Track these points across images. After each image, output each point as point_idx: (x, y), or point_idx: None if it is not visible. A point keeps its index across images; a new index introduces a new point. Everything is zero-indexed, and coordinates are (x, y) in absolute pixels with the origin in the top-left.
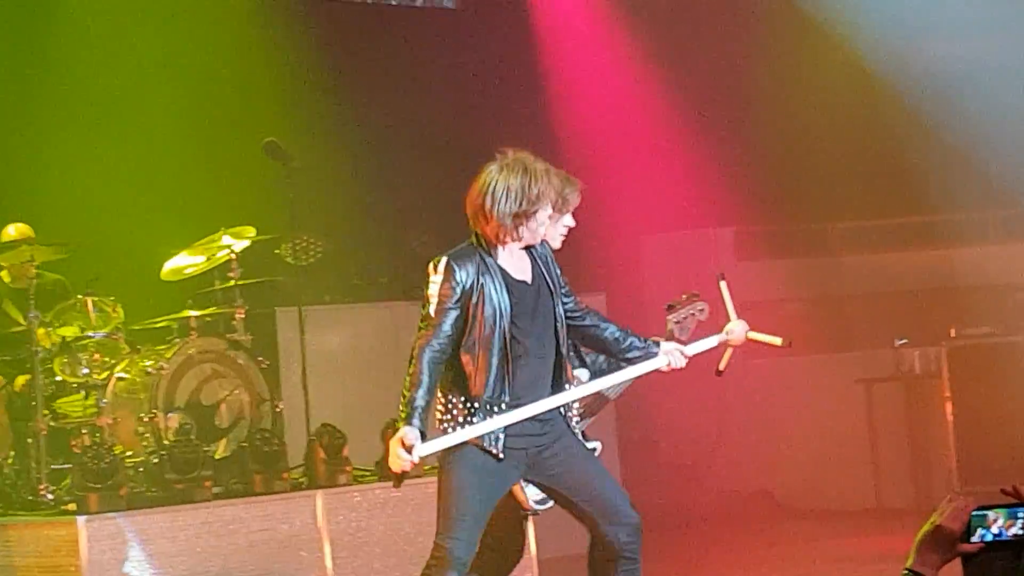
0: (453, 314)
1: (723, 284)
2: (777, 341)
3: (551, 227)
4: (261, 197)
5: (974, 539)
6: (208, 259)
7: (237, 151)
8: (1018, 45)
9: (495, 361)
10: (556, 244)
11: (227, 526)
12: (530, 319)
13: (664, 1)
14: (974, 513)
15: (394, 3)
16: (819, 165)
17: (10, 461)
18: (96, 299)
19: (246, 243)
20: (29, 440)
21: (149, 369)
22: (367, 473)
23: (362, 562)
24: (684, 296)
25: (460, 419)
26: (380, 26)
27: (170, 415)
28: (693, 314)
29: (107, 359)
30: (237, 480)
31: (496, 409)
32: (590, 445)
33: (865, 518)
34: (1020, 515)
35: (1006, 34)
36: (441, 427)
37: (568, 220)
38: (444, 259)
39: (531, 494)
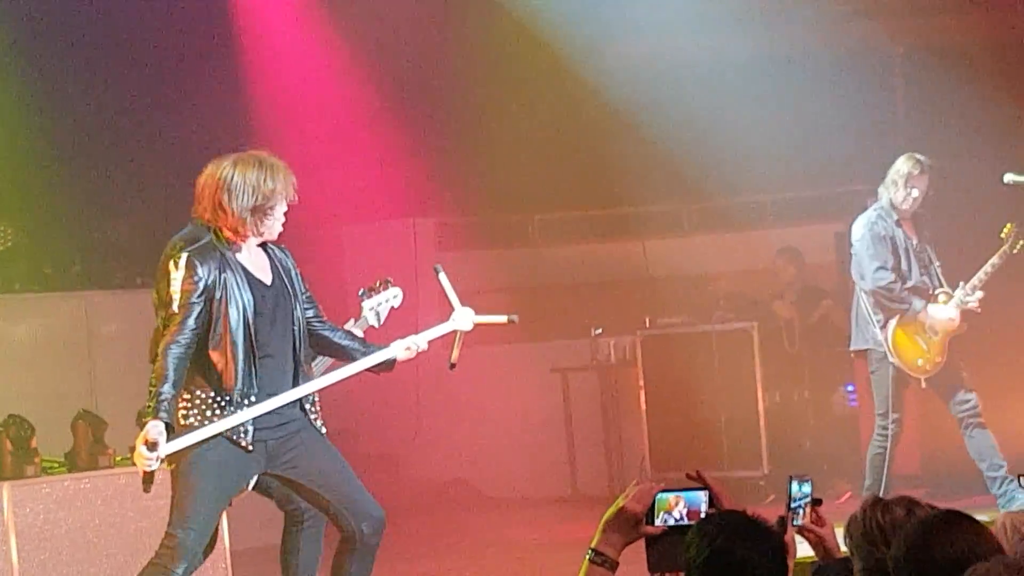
0: (196, 308)
1: (442, 276)
2: (502, 319)
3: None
4: None
5: (657, 522)
6: None
7: None
8: (712, 44)
9: (241, 357)
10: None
11: None
12: (270, 318)
13: None
14: (657, 496)
15: None
16: (520, 158)
17: None
18: None
19: None
20: None
21: None
22: (56, 465)
23: (49, 555)
24: (378, 283)
25: (206, 414)
26: (77, 6)
27: None
28: (388, 300)
29: None
30: None
31: (244, 403)
32: None
33: (560, 506)
34: (700, 499)
35: (702, 33)
36: (185, 422)
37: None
38: (184, 255)
39: None
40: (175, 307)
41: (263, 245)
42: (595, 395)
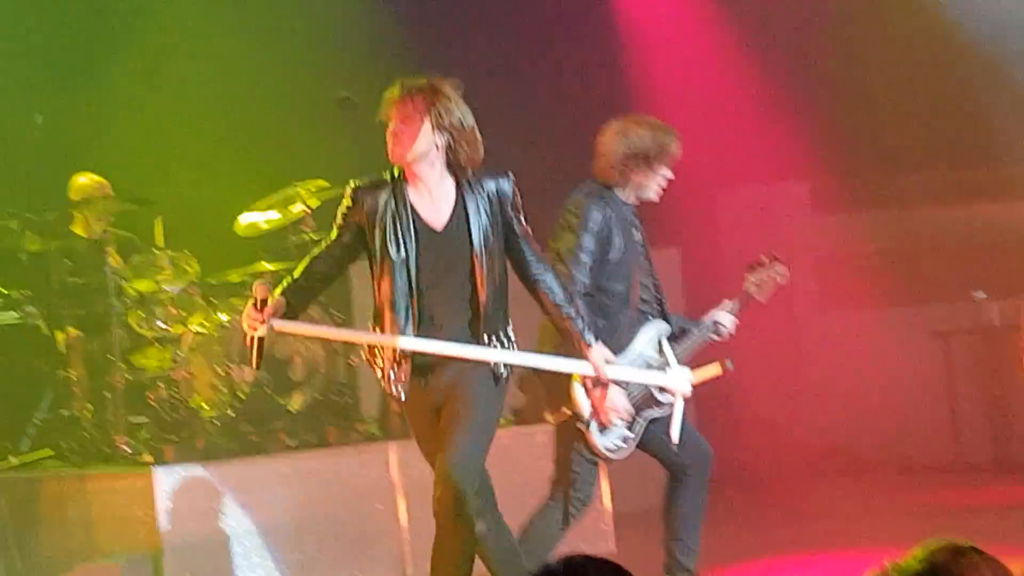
0: (346, 235)
1: (664, 343)
2: (716, 370)
3: (649, 178)
4: (335, 151)
5: None
6: (282, 213)
7: (311, 105)
8: None
9: (402, 298)
10: (653, 196)
11: (301, 478)
12: (432, 266)
13: None
14: None
15: None
16: (896, 116)
17: (88, 414)
18: (171, 253)
19: (319, 198)
20: (106, 393)
21: (224, 323)
22: None
23: None
24: (766, 258)
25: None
26: None
27: (245, 368)
28: (773, 276)
29: (182, 313)
30: (311, 432)
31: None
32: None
33: (943, 472)
34: None
35: None
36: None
37: (667, 172)
38: (352, 185)
39: (603, 441)
40: (333, 230)
41: (459, 185)
42: (978, 360)
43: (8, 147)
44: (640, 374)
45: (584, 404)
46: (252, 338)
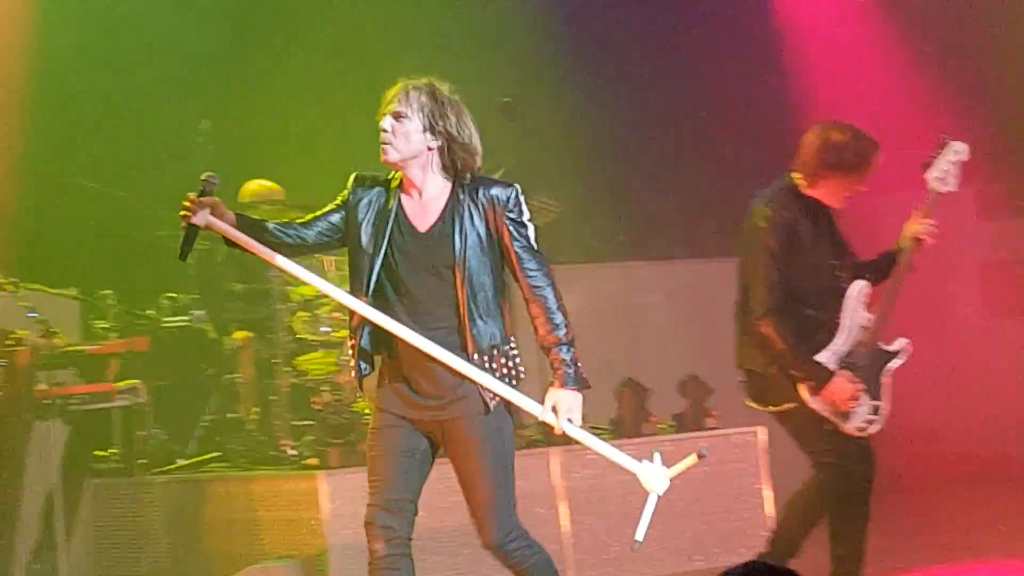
0: (332, 216)
1: (656, 455)
2: (692, 460)
3: (840, 185)
4: (496, 158)
5: None
6: None
7: (473, 110)
8: None
9: (359, 293)
10: (837, 204)
11: None
12: (412, 269)
13: None
14: None
15: None
16: None
17: (254, 417)
18: (336, 257)
19: None
20: (272, 397)
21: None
22: (602, 431)
23: (597, 519)
24: (937, 145)
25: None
26: None
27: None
28: (954, 159)
29: (346, 317)
30: None
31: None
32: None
33: None
34: None
35: None
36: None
37: (860, 182)
38: (354, 175)
39: (854, 423)
40: (327, 207)
41: (454, 190)
42: None
43: (178, 153)
44: (608, 451)
45: (817, 402)
46: (186, 226)
